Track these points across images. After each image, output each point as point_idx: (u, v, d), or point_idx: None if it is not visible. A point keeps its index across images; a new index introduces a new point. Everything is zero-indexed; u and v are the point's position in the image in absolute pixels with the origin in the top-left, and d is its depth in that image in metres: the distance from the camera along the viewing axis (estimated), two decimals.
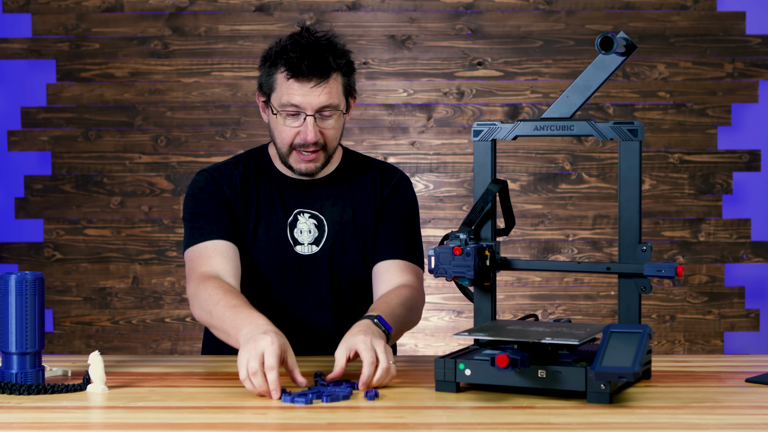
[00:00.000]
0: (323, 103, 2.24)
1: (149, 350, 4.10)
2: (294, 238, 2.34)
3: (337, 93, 2.26)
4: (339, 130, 2.31)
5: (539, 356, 1.83)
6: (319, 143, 2.27)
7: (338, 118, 2.29)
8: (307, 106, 2.23)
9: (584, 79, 1.94)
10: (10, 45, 4.09)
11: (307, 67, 2.21)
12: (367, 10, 4.10)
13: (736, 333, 4.08)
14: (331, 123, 2.27)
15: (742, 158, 4.06)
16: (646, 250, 1.88)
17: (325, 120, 2.26)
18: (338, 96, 2.27)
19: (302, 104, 2.23)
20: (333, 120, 2.27)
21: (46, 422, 1.70)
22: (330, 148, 2.30)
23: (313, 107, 2.23)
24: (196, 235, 2.30)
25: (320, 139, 2.26)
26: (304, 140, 2.25)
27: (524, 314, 3.05)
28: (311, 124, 2.24)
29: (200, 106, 4.10)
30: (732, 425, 1.65)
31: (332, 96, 2.24)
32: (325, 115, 2.26)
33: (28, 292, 1.90)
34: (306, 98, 2.23)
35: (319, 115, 2.25)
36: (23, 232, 4.11)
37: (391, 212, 2.39)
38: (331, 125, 2.27)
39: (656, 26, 4.06)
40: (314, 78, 2.22)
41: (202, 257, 2.26)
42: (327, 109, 2.25)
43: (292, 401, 1.79)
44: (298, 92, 2.23)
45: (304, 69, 2.21)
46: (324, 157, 2.31)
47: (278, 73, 2.25)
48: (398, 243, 2.36)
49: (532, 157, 4.09)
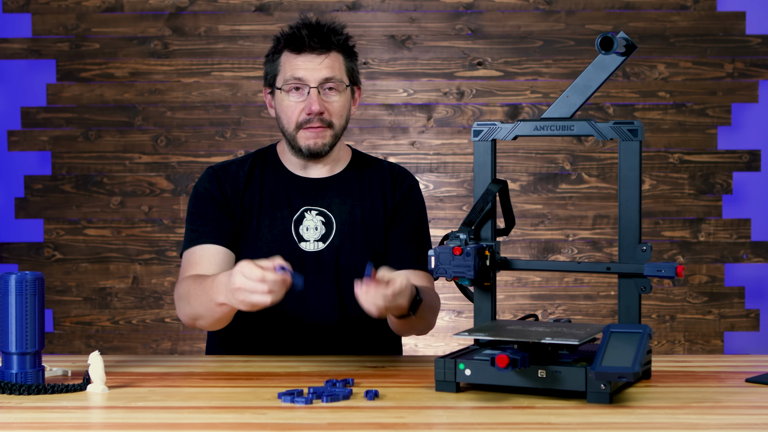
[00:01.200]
0: (326, 75, 2.29)
1: (149, 350, 4.10)
2: (299, 235, 2.35)
3: (340, 68, 2.31)
4: (344, 107, 2.34)
5: (539, 356, 1.83)
6: (324, 119, 2.30)
7: (342, 95, 2.32)
8: (311, 78, 2.28)
9: (584, 79, 1.94)
10: (10, 45, 4.09)
11: (308, 38, 2.28)
12: (367, 10, 4.10)
13: (736, 333, 4.08)
14: (335, 98, 2.31)
15: (742, 158, 4.06)
16: (646, 250, 1.88)
17: (329, 95, 2.31)
18: (341, 71, 2.32)
19: (305, 77, 2.28)
20: (337, 96, 2.31)
21: (46, 422, 1.70)
22: (336, 126, 2.33)
23: (316, 80, 2.28)
24: (192, 238, 2.34)
25: (325, 113, 2.29)
26: (310, 112, 2.29)
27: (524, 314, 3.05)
28: (315, 94, 2.28)
29: (200, 106, 4.10)
30: (732, 425, 1.65)
31: (335, 70, 2.30)
32: (328, 89, 2.30)
33: (28, 292, 1.90)
34: (309, 71, 2.29)
35: (322, 89, 2.29)
36: (23, 232, 4.11)
37: (403, 219, 2.40)
38: (335, 100, 2.32)
39: (656, 26, 4.06)
40: (316, 49, 2.28)
41: (191, 263, 2.31)
42: (330, 82, 2.30)
43: (292, 401, 1.79)
44: (301, 66, 2.29)
45: (306, 41, 2.28)
46: (331, 135, 2.33)
47: (282, 55, 2.32)
48: (412, 251, 2.38)
49: (532, 157, 4.09)
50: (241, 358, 2.27)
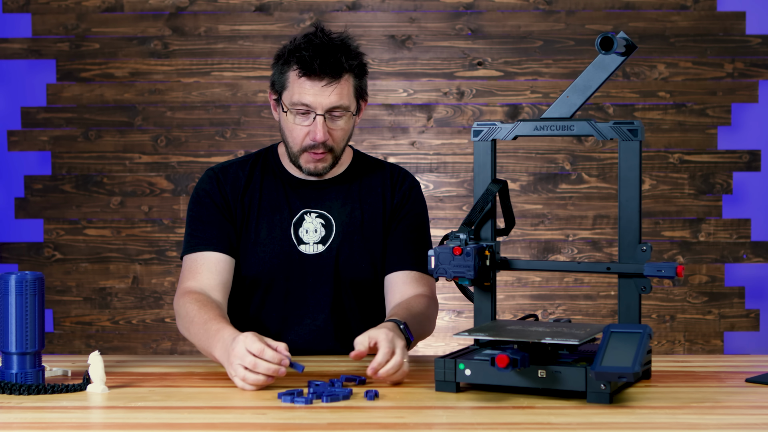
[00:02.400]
0: (333, 103, 2.24)
1: (149, 350, 4.10)
2: (298, 238, 2.34)
3: (348, 94, 2.26)
4: (348, 131, 2.31)
5: (539, 356, 1.83)
6: (327, 144, 2.27)
7: (348, 119, 2.29)
8: (318, 105, 2.23)
9: (584, 79, 1.94)
10: (10, 45, 4.09)
11: (319, 66, 2.21)
12: (367, 10, 4.10)
13: (736, 333, 4.08)
14: (340, 124, 2.27)
15: (742, 158, 4.06)
16: (646, 250, 1.88)
17: (335, 121, 2.27)
18: (349, 97, 2.27)
19: (313, 104, 2.23)
20: (342, 121, 2.27)
21: (46, 422, 1.70)
22: (337, 149, 2.30)
23: (324, 107, 2.24)
24: (193, 242, 2.33)
25: (329, 140, 2.27)
26: (314, 140, 2.25)
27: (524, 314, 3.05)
28: (321, 123, 2.24)
29: (200, 106, 4.10)
30: (732, 425, 1.65)
31: (343, 97, 2.25)
32: (335, 115, 2.26)
33: (28, 292, 1.90)
34: (317, 98, 2.23)
35: (329, 116, 2.25)
36: (23, 232, 4.11)
37: (403, 220, 2.39)
38: (340, 126, 2.28)
39: (656, 26, 4.06)
40: (326, 77, 2.22)
41: (191, 270, 2.29)
42: (337, 110, 2.25)
43: (292, 401, 1.79)
44: (309, 91, 2.23)
45: (316, 68, 2.21)
46: (332, 158, 2.31)
47: (290, 71, 2.26)
48: (411, 253, 2.36)
49: (532, 157, 4.09)
50: None
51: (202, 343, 2.11)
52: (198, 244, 2.31)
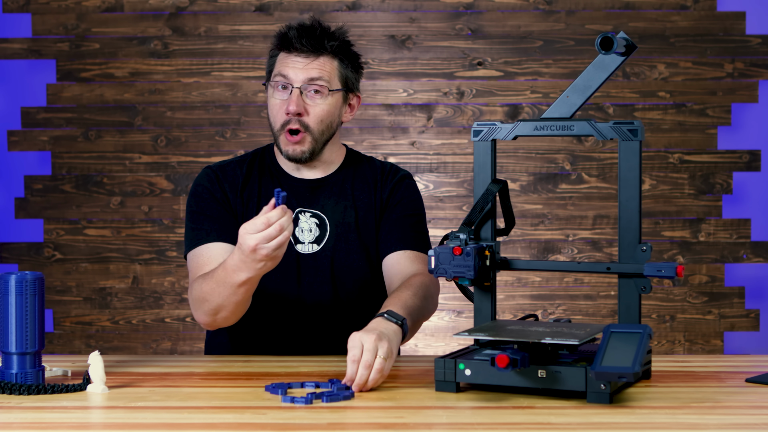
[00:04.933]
0: (311, 75, 2.28)
1: (149, 350, 4.10)
2: (294, 237, 2.34)
3: (329, 72, 2.29)
4: (328, 112, 2.31)
5: (539, 356, 1.83)
6: (302, 121, 2.27)
7: (327, 100, 2.29)
8: (295, 78, 2.28)
9: (584, 79, 1.94)
10: (10, 45, 4.09)
11: (298, 40, 2.28)
12: (367, 10, 4.10)
13: (736, 333, 4.08)
14: (318, 101, 2.29)
15: (742, 158, 4.06)
16: (646, 250, 1.88)
17: (314, 98, 2.29)
18: (330, 75, 2.29)
19: (290, 75, 2.28)
20: (320, 99, 2.29)
21: (46, 422, 1.70)
22: (314, 130, 2.30)
23: (301, 80, 2.27)
24: (197, 237, 2.32)
25: (304, 115, 2.27)
26: (287, 111, 2.27)
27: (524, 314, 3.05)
28: (296, 95, 2.27)
29: (200, 106, 4.10)
30: (732, 425, 1.65)
31: (323, 72, 2.28)
32: (312, 89, 2.28)
33: (28, 292, 1.90)
34: (294, 71, 2.28)
35: (306, 91, 2.28)
36: (23, 232, 4.11)
37: (395, 208, 2.38)
38: (317, 103, 2.29)
39: (656, 26, 4.06)
40: (305, 51, 2.28)
41: (200, 264, 2.28)
42: (314, 84, 2.28)
43: (292, 401, 1.79)
44: (288, 65, 2.29)
45: (295, 42, 2.27)
46: (310, 142, 2.30)
47: (279, 54, 2.32)
48: (406, 235, 2.36)
49: (532, 157, 4.09)
50: (241, 358, 2.27)
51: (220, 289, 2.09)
52: (203, 238, 2.30)
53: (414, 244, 2.35)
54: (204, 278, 2.17)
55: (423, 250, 2.36)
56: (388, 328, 1.99)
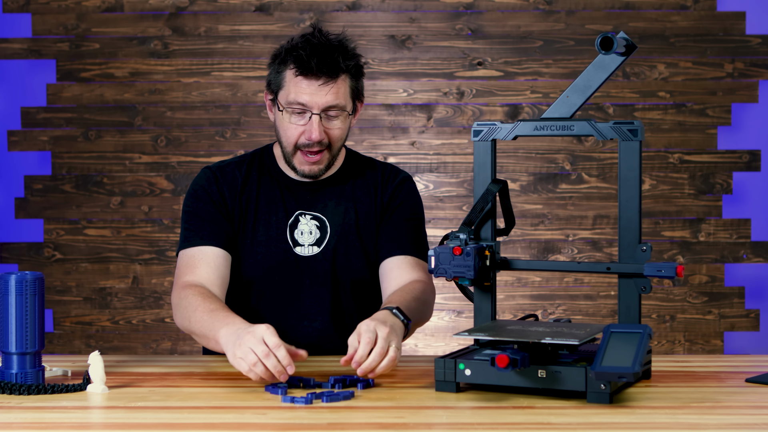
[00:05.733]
0: (330, 102, 2.24)
1: (149, 350, 4.10)
2: (294, 239, 2.34)
3: (345, 94, 2.27)
4: (344, 131, 2.31)
5: (539, 356, 1.83)
6: (323, 143, 2.27)
7: (344, 119, 2.29)
8: (314, 104, 2.24)
9: (584, 79, 1.94)
10: (10, 45, 4.09)
11: (316, 65, 2.21)
12: (367, 10, 4.10)
13: (736, 333, 4.08)
14: (336, 124, 2.27)
15: (742, 158, 4.06)
16: (646, 250, 1.88)
17: (331, 120, 2.27)
18: (345, 97, 2.27)
19: (309, 103, 2.24)
20: (339, 121, 2.27)
21: (46, 422, 1.70)
22: (334, 149, 2.30)
23: (320, 106, 2.24)
24: (189, 237, 2.32)
25: (324, 138, 2.26)
26: (309, 139, 2.25)
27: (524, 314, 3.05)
28: (317, 122, 2.24)
29: (200, 106, 4.10)
30: (732, 425, 1.65)
31: (339, 97, 2.25)
32: (331, 115, 2.26)
33: (28, 292, 1.90)
34: (313, 97, 2.23)
35: (324, 115, 2.25)
36: (23, 232, 4.11)
37: (395, 211, 2.38)
38: (336, 126, 2.27)
39: (656, 26, 4.06)
40: (322, 77, 2.22)
41: (189, 265, 2.28)
42: (333, 110, 2.25)
43: (292, 401, 1.79)
44: (305, 90, 2.23)
45: (313, 67, 2.21)
46: (328, 159, 2.31)
47: (287, 70, 2.26)
48: (405, 239, 2.35)
49: (532, 157, 4.09)
50: None
51: (204, 329, 2.08)
52: (195, 239, 2.30)
53: (413, 250, 2.35)
54: (202, 300, 2.15)
55: (422, 256, 2.35)
56: (396, 324, 2.01)
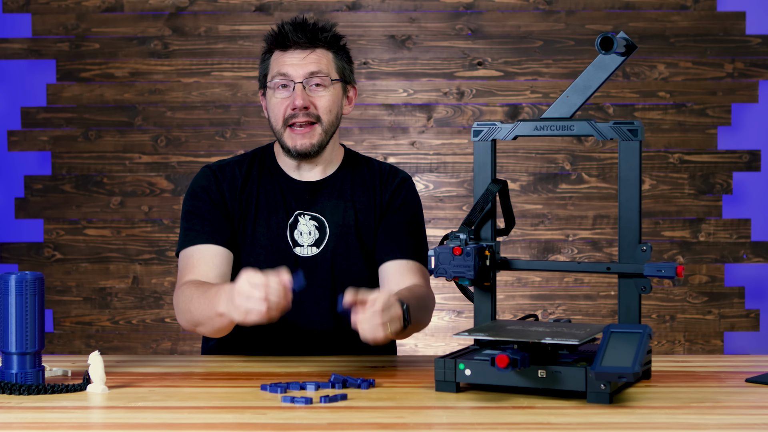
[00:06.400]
0: (311, 69, 2.28)
1: (149, 350, 4.10)
2: (293, 240, 2.34)
3: (327, 64, 2.30)
4: (333, 102, 2.31)
5: (539, 356, 1.83)
6: (311, 113, 2.28)
7: (331, 89, 2.30)
8: (295, 73, 2.28)
9: (584, 79, 1.94)
10: (10, 45, 4.09)
11: (293, 36, 2.27)
12: (367, 10, 4.10)
13: (736, 333, 4.08)
14: (321, 93, 2.30)
15: (742, 158, 4.06)
16: (646, 250, 1.88)
17: (316, 90, 2.29)
18: (328, 67, 2.30)
19: (290, 72, 2.28)
20: (324, 91, 2.29)
21: (46, 422, 1.70)
22: (325, 121, 2.30)
23: (302, 75, 2.28)
24: (189, 237, 2.32)
25: (311, 107, 2.27)
26: (294, 107, 2.26)
27: (524, 314, 3.05)
28: (299, 89, 2.27)
29: (200, 106, 4.10)
30: (732, 425, 1.65)
31: (321, 64, 2.29)
32: (315, 83, 2.28)
33: (28, 292, 1.90)
34: (294, 67, 2.28)
35: (309, 85, 2.28)
36: (23, 232, 4.11)
37: (395, 213, 2.38)
38: (321, 95, 2.29)
39: (656, 26, 4.06)
40: (301, 46, 2.28)
41: (189, 265, 2.29)
42: (316, 77, 2.28)
43: (291, 401, 1.79)
44: (286, 62, 2.28)
45: (290, 37, 2.27)
46: (319, 134, 2.30)
47: (272, 55, 2.32)
48: (405, 243, 2.35)
49: (532, 157, 4.09)
50: (241, 358, 2.27)
51: (205, 309, 2.09)
52: (195, 238, 2.30)
53: (413, 254, 2.35)
54: (196, 287, 2.17)
55: (422, 260, 2.35)
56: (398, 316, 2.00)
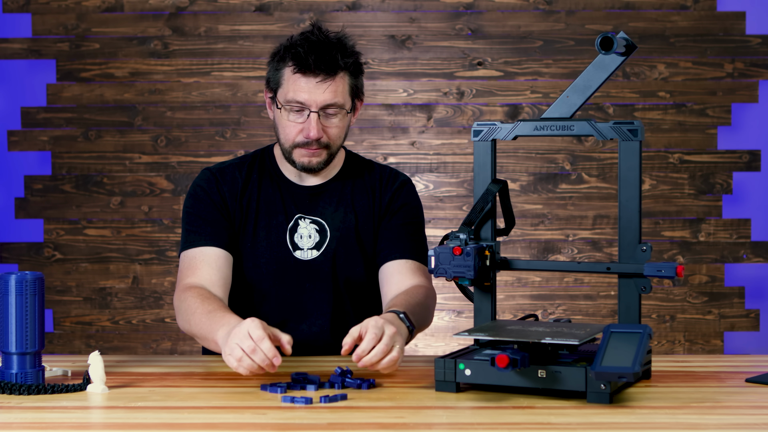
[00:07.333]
0: (328, 100, 2.24)
1: (149, 350, 4.10)
2: (293, 243, 2.34)
3: (343, 92, 2.26)
4: (343, 129, 2.30)
5: (539, 356, 1.83)
6: (321, 141, 2.26)
7: (343, 117, 2.28)
8: (312, 102, 2.23)
9: (584, 79, 1.94)
10: (10, 45, 4.09)
11: (314, 62, 2.21)
12: (367, 10, 4.10)
13: (736, 333, 4.08)
14: (335, 122, 2.27)
15: (742, 158, 4.06)
16: (646, 250, 1.88)
17: (330, 118, 2.26)
18: (344, 95, 2.26)
19: (307, 101, 2.23)
20: (337, 119, 2.27)
21: (46, 422, 1.70)
22: (333, 147, 2.30)
23: (318, 104, 2.23)
24: (191, 239, 2.32)
25: (323, 137, 2.26)
26: (307, 137, 2.25)
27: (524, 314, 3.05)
28: (315, 120, 2.24)
29: (200, 106, 4.10)
30: (732, 425, 1.65)
31: (337, 95, 2.24)
32: (329, 113, 2.26)
33: (28, 292, 1.90)
34: (311, 95, 2.23)
35: (323, 113, 2.25)
36: (23, 232, 4.11)
37: (396, 215, 2.38)
38: (334, 124, 2.27)
39: (656, 26, 4.06)
40: (320, 74, 2.22)
41: (190, 267, 2.28)
42: (332, 107, 2.25)
43: (291, 401, 1.79)
44: (303, 88, 2.23)
45: (311, 64, 2.21)
46: (327, 155, 2.30)
47: (285, 68, 2.26)
48: (406, 244, 2.35)
49: (532, 157, 4.09)
50: None
51: (204, 331, 2.09)
52: (196, 241, 2.30)
53: (413, 254, 2.35)
54: (201, 302, 2.15)
55: (422, 260, 2.35)
56: (401, 328, 2.02)
